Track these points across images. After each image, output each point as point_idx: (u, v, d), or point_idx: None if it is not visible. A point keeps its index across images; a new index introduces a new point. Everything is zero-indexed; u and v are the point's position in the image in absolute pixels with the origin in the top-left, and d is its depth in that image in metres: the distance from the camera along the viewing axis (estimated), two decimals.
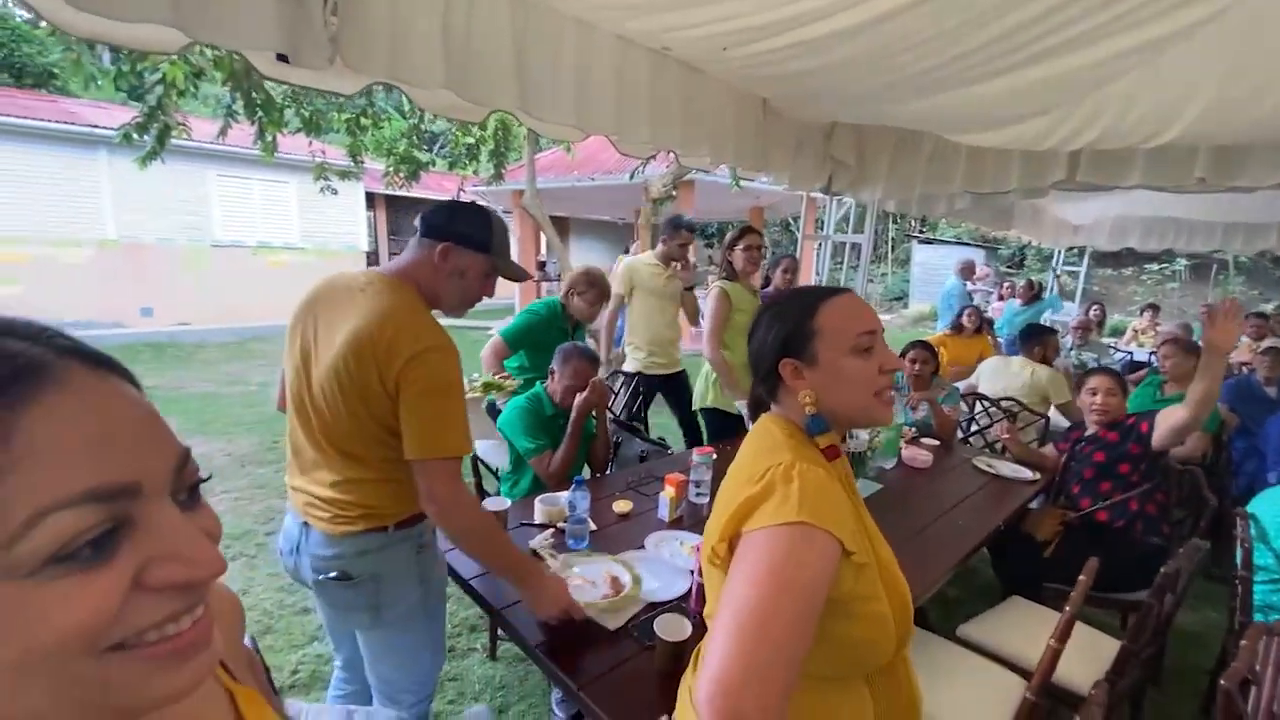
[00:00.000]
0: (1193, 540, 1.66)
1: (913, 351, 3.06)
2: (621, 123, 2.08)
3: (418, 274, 1.27)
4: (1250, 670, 1.18)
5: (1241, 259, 14.85)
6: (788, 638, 0.70)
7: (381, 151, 5.92)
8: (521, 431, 2.10)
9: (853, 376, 0.87)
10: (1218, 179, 2.51)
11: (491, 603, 1.40)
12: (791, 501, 0.76)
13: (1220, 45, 1.88)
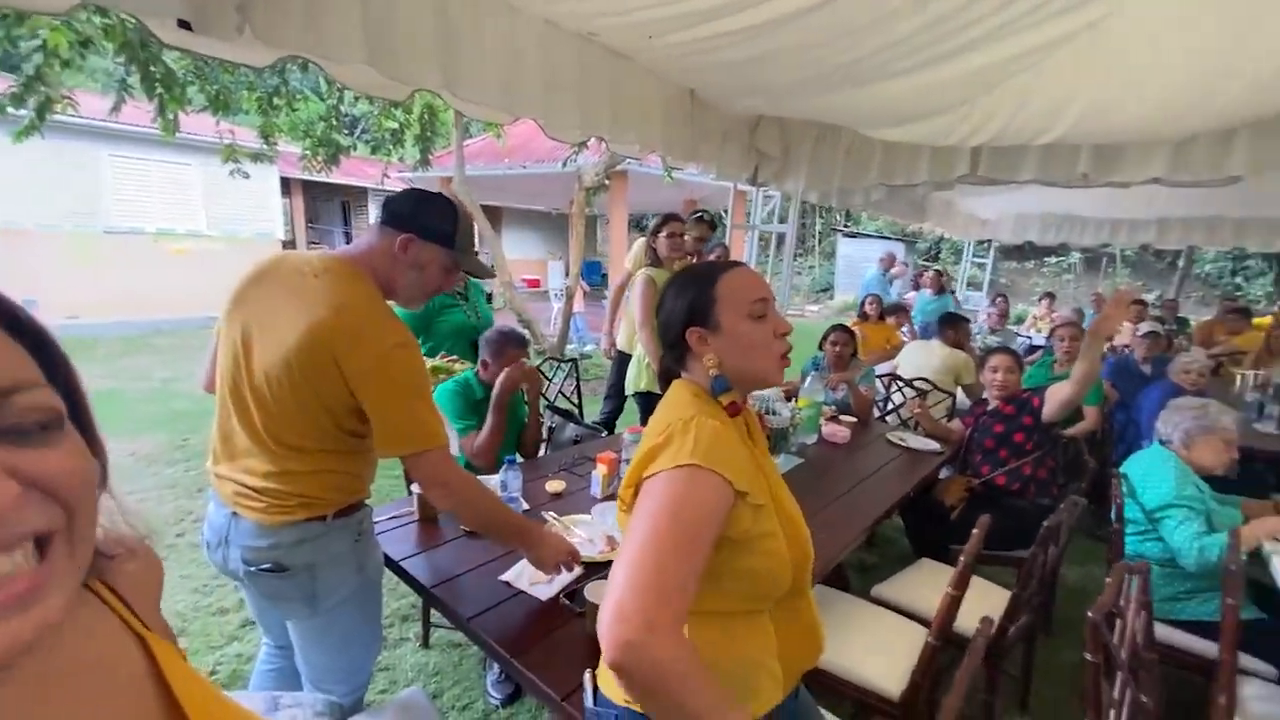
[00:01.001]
0: (1070, 497, 1.85)
1: (834, 334, 3.21)
2: (550, 107, 2.08)
3: (375, 263, 1.23)
4: (1114, 604, 1.33)
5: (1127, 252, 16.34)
6: (675, 564, 0.76)
7: (297, 134, 5.62)
8: (450, 413, 2.08)
9: (750, 339, 0.95)
10: (1098, 174, 2.77)
11: (424, 581, 1.40)
12: (686, 448, 0.83)
13: (1097, 51, 2.08)
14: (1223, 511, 2.02)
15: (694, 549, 0.78)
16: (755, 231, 4.26)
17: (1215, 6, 1.80)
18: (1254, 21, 1.85)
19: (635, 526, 0.80)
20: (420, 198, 1.27)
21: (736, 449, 0.89)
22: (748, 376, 0.97)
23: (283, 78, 4.71)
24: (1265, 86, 2.08)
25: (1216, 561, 1.80)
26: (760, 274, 1.04)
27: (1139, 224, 6.08)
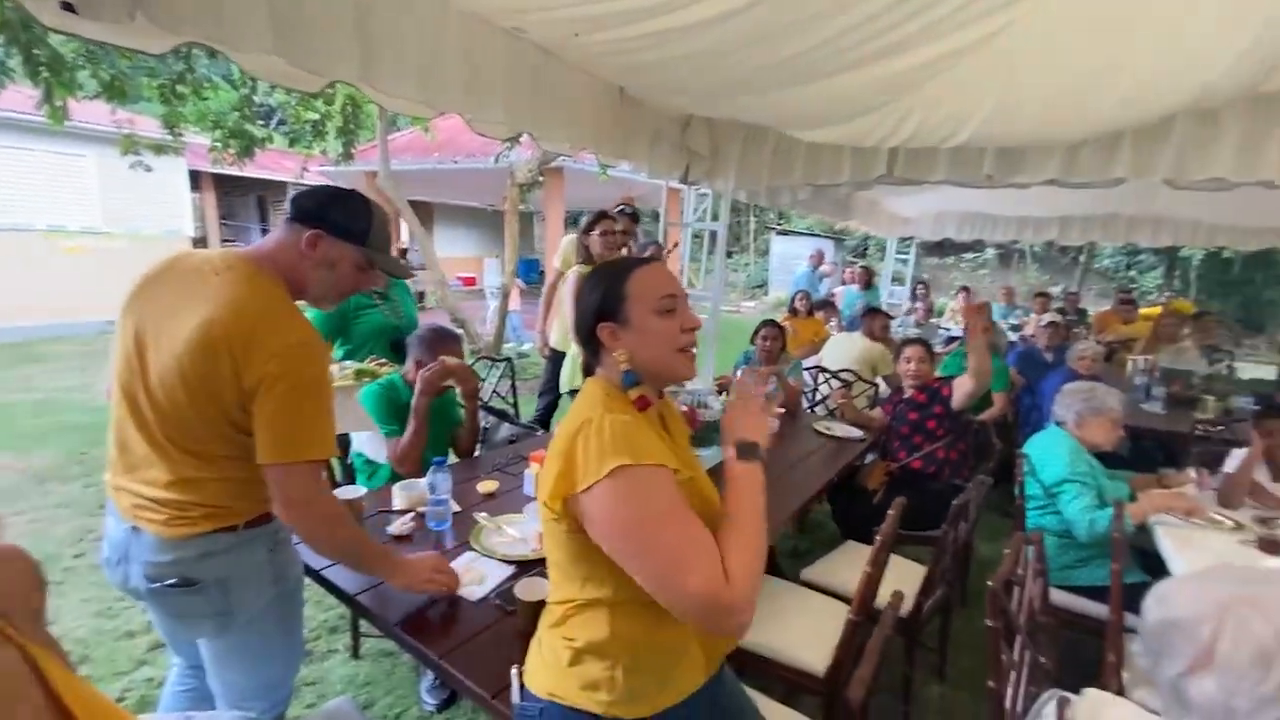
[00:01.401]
0: (978, 476, 1.99)
1: (764, 330, 3.31)
2: (474, 102, 2.05)
3: (281, 260, 1.17)
4: (1013, 574, 1.44)
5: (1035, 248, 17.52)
6: (689, 534, 0.84)
7: (206, 124, 5.28)
8: (374, 418, 2.02)
9: (659, 334, 0.97)
10: (1001, 176, 2.96)
11: (346, 590, 1.36)
12: (606, 451, 0.85)
13: (998, 60, 2.22)
14: (1112, 486, 2.21)
15: (687, 517, 0.86)
16: (689, 229, 4.32)
17: (1098, 19, 1.96)
18: (1130, 35, 2.02)
19: (626, 549, 0.85)
20: (332, 193, 1.23)
21: (650, 437, 0.92)
22: (657, 371, 0.99)
23: (188, 64, 4.42)
24: (1143, 95, 2.28)
25: (1105, 532, 1.97)
26: (671, 270, 1.07)
27: (1044, 222, 6.53)
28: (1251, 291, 14.15)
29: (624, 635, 0.91)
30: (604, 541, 0.87)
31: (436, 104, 1.99)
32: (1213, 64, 2.08)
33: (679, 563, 0.82)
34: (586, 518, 0.87)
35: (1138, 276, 16.39)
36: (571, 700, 0.92)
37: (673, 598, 0.83)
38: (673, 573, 0.82)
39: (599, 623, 0.92)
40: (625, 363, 0.96)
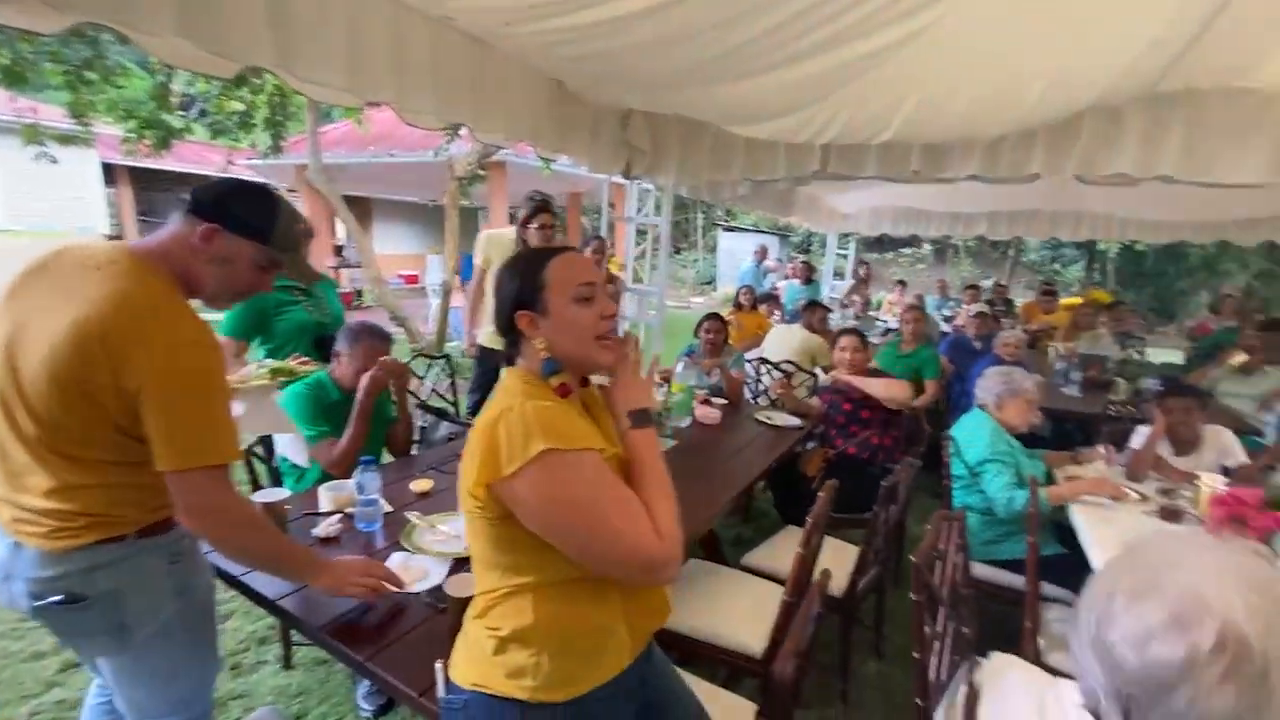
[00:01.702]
0: (906, 459, 2.07)
1: (707, 323, 3.35)
2: (403, 91, 1.99)
3: (174, 255, 1.10)
4: (935, 548, 1.51)
5: (969, 243, 18.32)
6: (622, 509, 0.88)
7: (119, 114, 4.95)
8: (299, 418, 1.94)
9: (576, 322, 0.97)
10: (927, 171, 3.08)
11: (267, 595, 1.30)
12: (532, 434, 0.85)
13: (921, 58, 2.30)
14: (1030, 464, 2.34)
15: (617, 486, 0.90)
16: (632, 224, 4.33)
17: (1011, 22, 2.06)
18: (1041, 37, 2.14)
19: (563, 532, 0.87)
20: (234, 186, 1.16)
21: (574, 420, 0.92)
22: (577, 359, 0.99)
23: (96, 49, 4.14)
24: (1054, 94, 2.41)
25: (1022, 509, 2.09)
26: (589, 259, 1.08)
27: (973, 217, 6.82)
28: (1164, 282, 15.20)
29: (548, 620, 0.91)
30: (536, 522, 0.87)
31: (363, 93, 1.93)
32: (1114, 65, 2.22)
33: (617, 531, 0.86)
34: (515, 502, 0.87)
35: (1062, 269, 17.36)
36: (496, 689, 0.92)
37: (613, 564, 0.88)
38: (612, 541, 0.86)
39: (522, 610, 0.91)
40: (544, 351, 0.96)
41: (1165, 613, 0.62)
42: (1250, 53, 2.22)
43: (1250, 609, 0.63)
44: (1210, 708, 0.61)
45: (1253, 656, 0.61)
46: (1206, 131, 2.48)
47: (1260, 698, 0.61)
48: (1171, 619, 0.62)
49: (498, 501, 0.88)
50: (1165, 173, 2.59)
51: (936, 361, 3.95)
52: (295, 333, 2.30)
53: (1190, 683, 0.61)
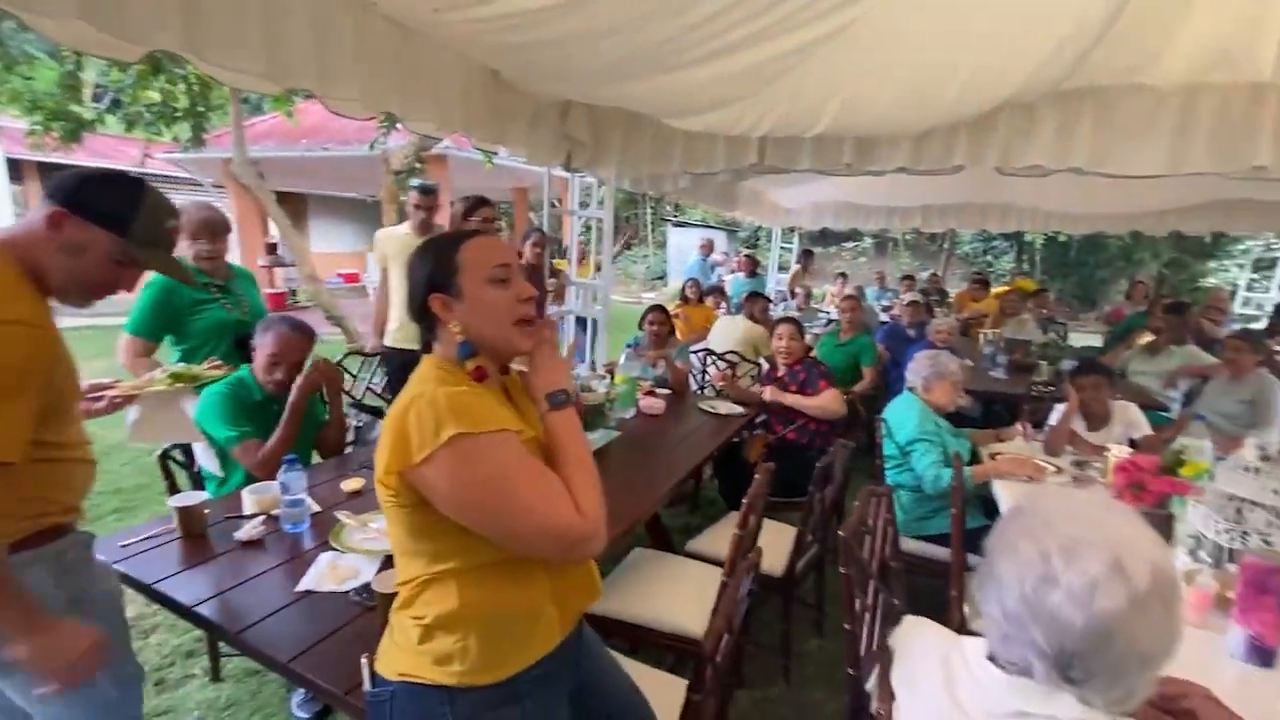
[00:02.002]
0: (839, 440, 2.14)
1: (651, 315, 3.37)
2: (325, 77, 1.92)
3: (21, 239, 1.01)
4: (862, 523, 1.56)
5: (907, 236, 18.99)
6: (536, 485, 0.87)
7: (22, 104, 4.61)
8: (219, 419, 1.85)
9: (493, 304, 0.96)
10: (859, 164, 3.18)
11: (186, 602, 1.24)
12: (442, 420, 0.84)
13: (849, 52, 2.37)
14: (955, 442, 2.44)
15: (533, 465, 0.89)
16: (575, 217, 4.31)
17: (931, 21, 2.14)
18: (959, 35, 2.23)
19: (476, 503, 0.85)
20: (99, 173, 1.09)
21: (489, 404, 0.91)
22: (494, 343, 0.98)
23: None
24: (972, 90, 2.52)
25: (949, 485, 2.18)
26: (506, 242, 1.07)
27: (909, 211, 7.08)
28: (1086, 272, 16.14)
29: (474, 604, 0.90)
30: (450, 506, 0.86)
31: (282, 79, 1.85)
32: (1026, 63, 2.34)
33: (528, 507, 0.85)
34: (428, 488, 0.85)
35: (993, 260, 18.19)
36: (424, 676, 0.91)
37: (529, 540, 0.87)
38: (524, 516, 0.85)
39: (447, 595, 0.90)
40: (460, 334, 0.95)
41: (1102, 563, 0.66)
42: (1146, 53, 2.37)
43: (1157, 544, 0.69)
44: (1147, 645, 0.66)
45: (1174, 587, 0.68)
46: (1111, 126, 2.64)
47: (1176, 625, 0.68)
48: (1111, 567, 0.66)
49: (410, 489, 0.87)
50: (1076, 165, 2.74)
51: (873, 349, 4.09)
52: (212, 332, 2.18)
53: (1129, 624, 0.66)
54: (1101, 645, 0.66)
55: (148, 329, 2.14)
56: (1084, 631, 0.66)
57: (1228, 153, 2.54)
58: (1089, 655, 0.67)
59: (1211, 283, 13.16)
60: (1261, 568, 1.12)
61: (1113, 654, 0.67)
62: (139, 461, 3.85)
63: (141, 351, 2.13)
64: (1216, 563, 1.42)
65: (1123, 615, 0.65)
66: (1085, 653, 0.67)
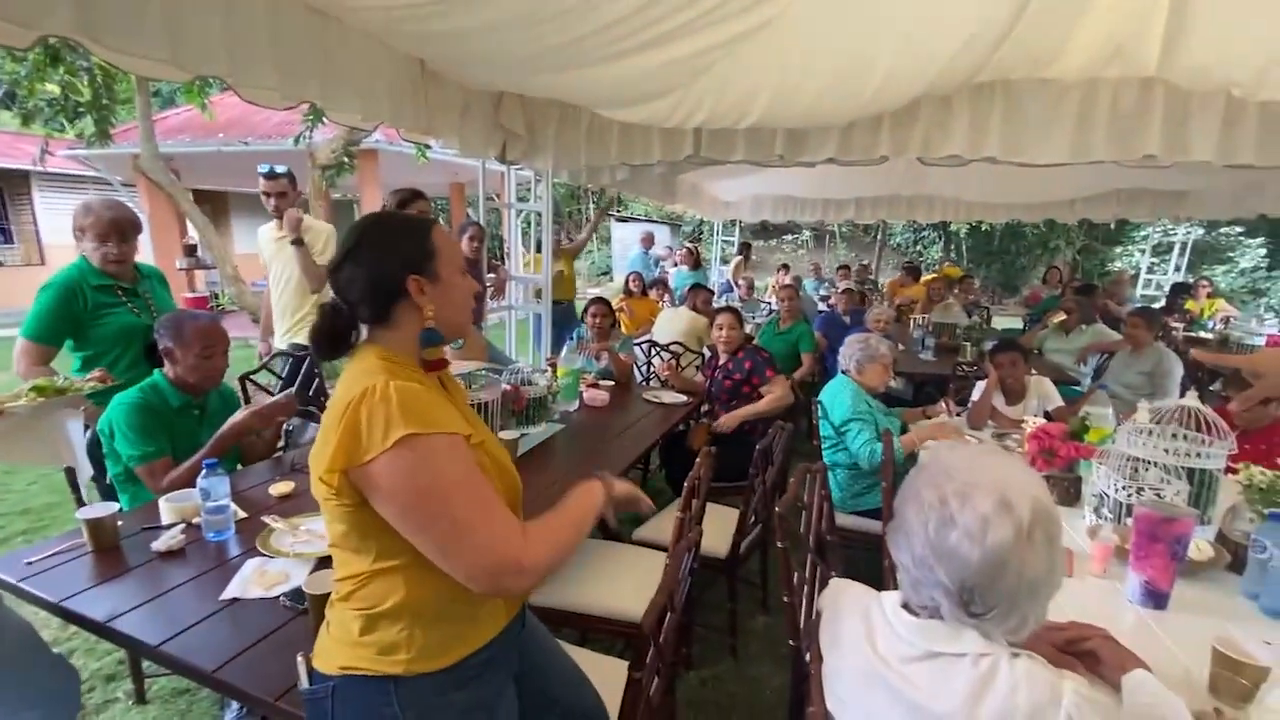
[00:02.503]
0: (776, 422, 2.20)
1: (593, 307, 3.37)
2: (236, 64, 1.83)
3: None
4: (797, 498, 1.62)
5: (843, 229, 19.60)
6: (480, 503, 0.85)
7: None
8: (128, 434, 1.69)
9: (462, 292, 0.99)
10: (791, 156, 3.26)
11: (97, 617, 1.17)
12: (393, 418, 0.82)
13: (774, 45, 2.43)
14: (886, 420, 2.55)
15: (480, 482, 0.87)
16: (512, 210, 4.25)
17: (848, 17, 2.22)
18: (874, 32, 2.32)
19: (414, 520, 0.83)
20: None
21: (439, 402, 0.90)
22: (453, 329, 0.99)
23: None
24: (896, 80, 2.62)
25: (881, 460, 2.28)
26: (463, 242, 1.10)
27: (843, 203, 7.31)
28: (1008, 259, 17.07)
29: (419, 594, 0.89)
30: (389, 509, 0.84)
31: (189, 66, 1.75)
32: (938, 57, 2.45)
33: (473, 528, 0.83)
34: (371, 488, 0.83)
35: (923, 250, 19.00)
36: (367, 668, 0.89)
37: (461, 562, 0.83)
38: (467, 538, 0.83)
39: (393, 587, 0.89)
40: (431, 319, 0.95)
41: (991, 501, 0.75)
42: (1049, 48, 2.52)
43: (1038, 483, 0.78)
44: (1034, 572, 0.74)
45: (1053, 520, 0.77)
46: (1019, 117, 2.79)
47: (1057, 554, 0.77)
48: (998, 504, 0.74)
49: (353, 488, 0.84)
50: (990, 154, 2.90)
51: (811, 336, 4.22)
52: (118, 338, 2.01)
53: (1018, 554, 0.74)
54: (996, 576, 0.74)
55: (45, 333, 1.98)
56: (980, 564, 0.73)
57: (1123, 142, 2.73)
58: (986, 588, 0.75)
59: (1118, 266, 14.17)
60: (1153, 518, 1.22)
61: (1006, 583, 0.74)
62: (48, 479, 3.58)
63: (39, 358, 1.97)
64: (1117, 518, 1.54)
65: (1011, 546, 0.73)
66: (983, 585, 0.75)
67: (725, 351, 3.01)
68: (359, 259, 0.95)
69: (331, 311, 0.96)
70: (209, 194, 12.21)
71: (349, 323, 0.96)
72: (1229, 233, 12.82)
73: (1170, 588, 1.25)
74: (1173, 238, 8.70)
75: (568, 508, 0.97)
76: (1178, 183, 5.13)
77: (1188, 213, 6.88)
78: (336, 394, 0.90)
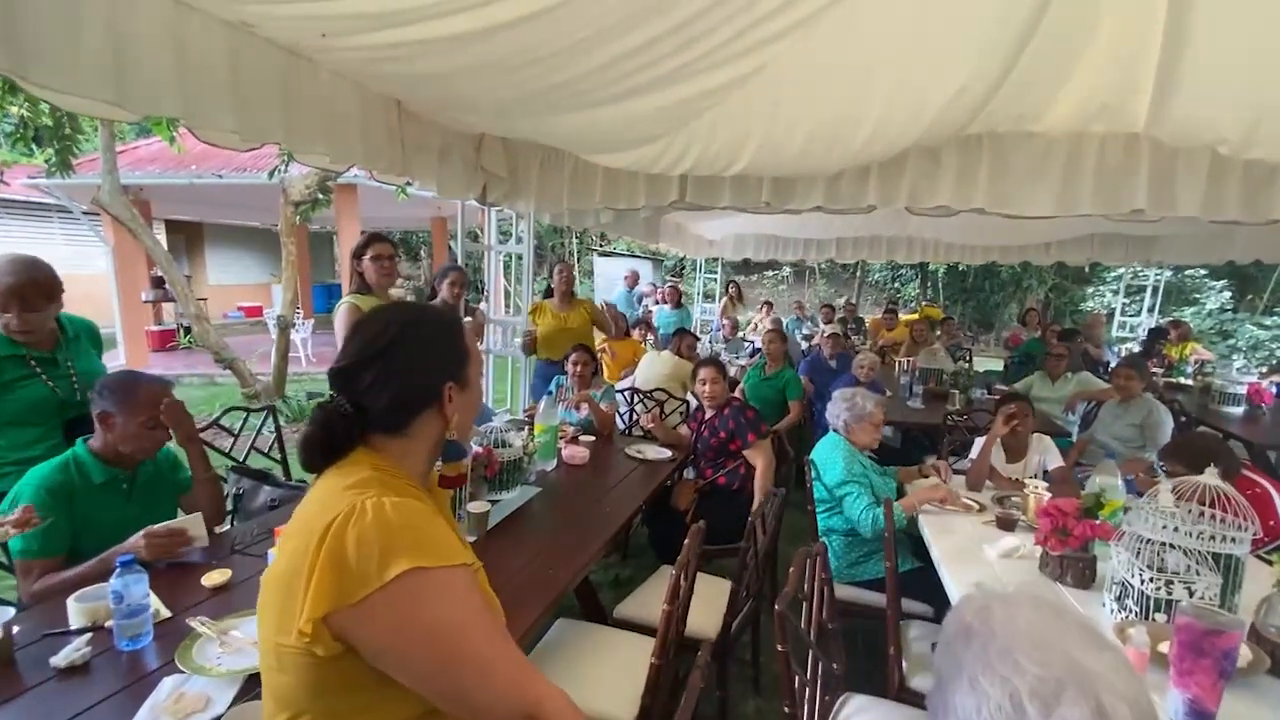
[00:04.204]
0: (771, 489, 2.06)
1: (574, 354, 3.23)
2: (190, 104, 1.70)
3: None
4: (799, 589, 1.47)
5: (822, 265, 19.85)
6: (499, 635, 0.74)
7: None
8: (32, 537, 1.45)
9: (479, 394, 0.90)
10: (777, 203, 3.20)
11: None
12: (394, 548, 0.68)
13: (762, 96, 2.37)
14: (881, 482, 2.43)
15: (494, 624, 0.76)
16: (493, 252, 4.13)
17: (838, 70, 2.17)
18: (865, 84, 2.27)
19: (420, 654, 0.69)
20: None
21: (442, 527, 0.77)
22: (465, 435, 0.90)
23: None
24: (880, 135, 2.58)
25: (884, 527, 2.14)
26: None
27: (824, 243, 7.37)
28: (983, 297, 17.35)
29: None
30: (387, 658, 0.69)
31: (133, 106, 1.61)
32: (928, 110, 2.41)
33: (489, 663, 0.71)
34: (359, 634, 0.68)
35: (900, 287, 19.28)
36: None
37: (486, 707, 0.71)
38: (490, 682, 0.71)
39: None
40: (454, 429, 0.84)
41: (1086, 713, 0.56)
42: (1037, 103, 2.50)
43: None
44: None
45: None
46: (1007, 170, 2.77)
47: None
48: (1095, 715, 0.56)
49: (334, 636, 0.68)
50: (978, 205, 2.86)
51: (798, 382, 4.11)
52: (29, 412, 1.77)
53: None
54: None
55: None
56: None
57: (1110, 196, 2.71)
58: None
59: (1090, 306, 14.46)
60: (1196, 629, 1.09)
61: None
62: None
63: None
64: (1144, 613, 1.42)
65: None
66: None
67: (711, 407, 2.88)
68: (393, 361, 0.80)
69: (335, 417, 0.80)
70: (183, 224, 11.97)
71: (352, 430, 0.80)
72: (1194, 275, 13.17)
73: (1217, 708, 1.12)
74: (1144, 280, 8.87)
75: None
76: (1150, 228, 5.22)
77: (1159, 257, 7.06)
78: (305, 511, 0.74)
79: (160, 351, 8.94)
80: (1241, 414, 4.38)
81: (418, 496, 0.78)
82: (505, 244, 4.32)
